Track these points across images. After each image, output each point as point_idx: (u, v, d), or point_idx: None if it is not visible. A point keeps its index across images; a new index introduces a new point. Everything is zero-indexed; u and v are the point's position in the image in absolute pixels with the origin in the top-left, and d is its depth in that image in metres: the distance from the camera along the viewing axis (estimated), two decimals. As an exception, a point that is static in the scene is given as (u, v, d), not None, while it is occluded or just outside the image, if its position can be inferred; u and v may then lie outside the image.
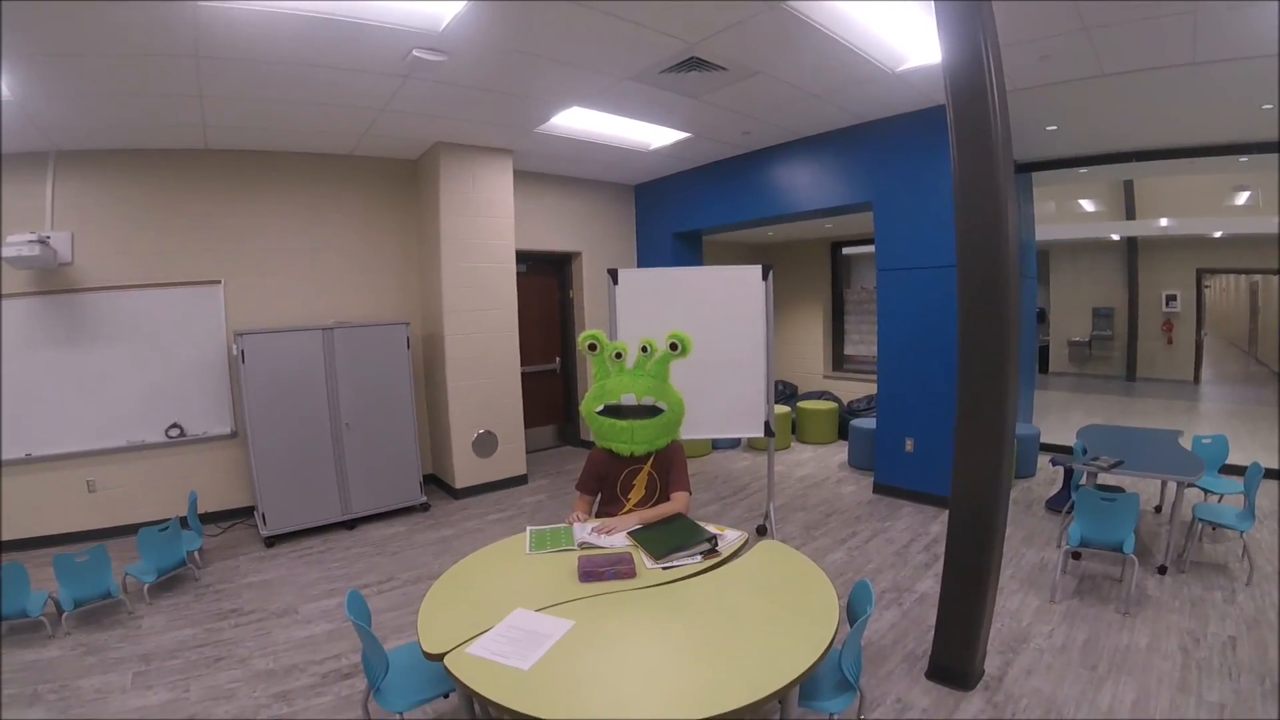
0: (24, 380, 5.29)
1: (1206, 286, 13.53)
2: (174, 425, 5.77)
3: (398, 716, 2.49)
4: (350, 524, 5.76)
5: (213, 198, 5.83)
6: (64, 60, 3.85)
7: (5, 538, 5.22)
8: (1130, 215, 12.49)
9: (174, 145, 5.60)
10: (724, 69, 4.55)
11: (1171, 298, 13.27)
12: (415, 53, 4.06)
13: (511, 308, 6.82)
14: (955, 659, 3.21)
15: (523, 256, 7.28)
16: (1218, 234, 11.94)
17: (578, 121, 5.78)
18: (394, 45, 3.98)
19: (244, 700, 3.24)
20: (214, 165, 5.81)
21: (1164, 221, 11.82)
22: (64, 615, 3.95)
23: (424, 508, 6.20)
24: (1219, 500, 4.93)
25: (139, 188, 5.59)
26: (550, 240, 7.88)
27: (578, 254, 8.26)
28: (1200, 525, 4.46)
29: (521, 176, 6.99)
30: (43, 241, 4.98)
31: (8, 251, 4.83)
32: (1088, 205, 12.84)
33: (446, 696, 2.68)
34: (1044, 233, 9.23)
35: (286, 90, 4.60)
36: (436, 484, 6.94)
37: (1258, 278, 15.02)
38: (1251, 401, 11.23)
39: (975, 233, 2.94)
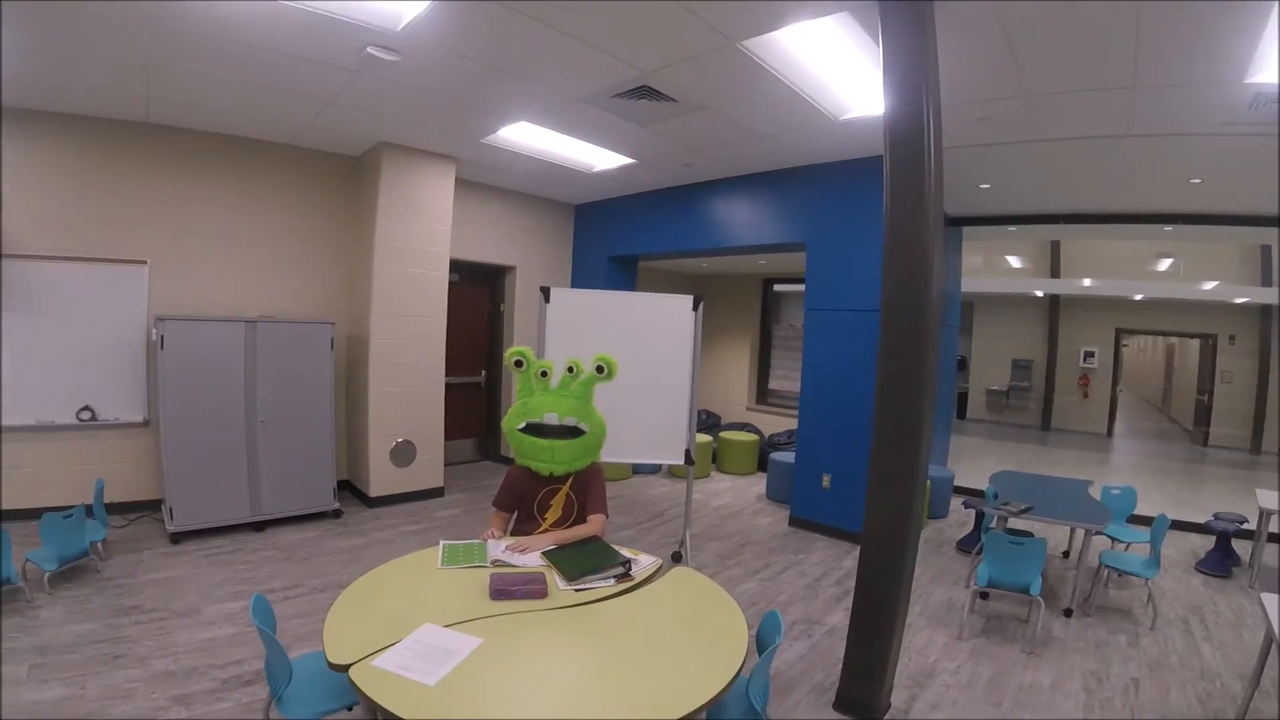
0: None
1: (1125, 345, 14.21)
2: (86, 408, 5.53)
3: (299, 727, 2.44)
4: (260, 525, 5.59)
5: (147, 174, 5.65)
6: (10, 13, 3.69)
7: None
8: (1055, 273, 13.06)
9: (114, 115, 5.41)
10: (674, 100, 4.64)
11: (1090, 354, 13.89)
12: (370, 49, 4.02)
13: (440, 316, 6.75)
14: (862, 691, 3.27)
15: (456, 265, 7.20)
16: (1138, 296, 12.54)
17: (524, 136, 5.79)
18: (350, 39, 3.94)
19: (142, 701, 3.13)
20: (152, 140, 5.64)
21: (1087, 281, 12.37)
22: (-42, 598, 3.76)
23: (336, 514, 6.05)
24: (1126, 549, 5.13)
25: (74, 155, 5.38)
26: (485, 251, 7.84)
27: (512, 268, 8.23)
28: (1107, 571, 4.65)
29: (462, 185, 6.95)
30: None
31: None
32: (1014, 261, 13.39)
33: (350, 709, 2.63)
34: (970, 284, 9.61)
35: (236, 71, 4.50)
36: (350, 491, 6.78)
37: (1175, 340, 15.84)
38: (1161, 456, 11.80)
39: (901, 281, 3.04)
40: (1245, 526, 5.50)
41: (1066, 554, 5.64)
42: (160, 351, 5.04)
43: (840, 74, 4.22)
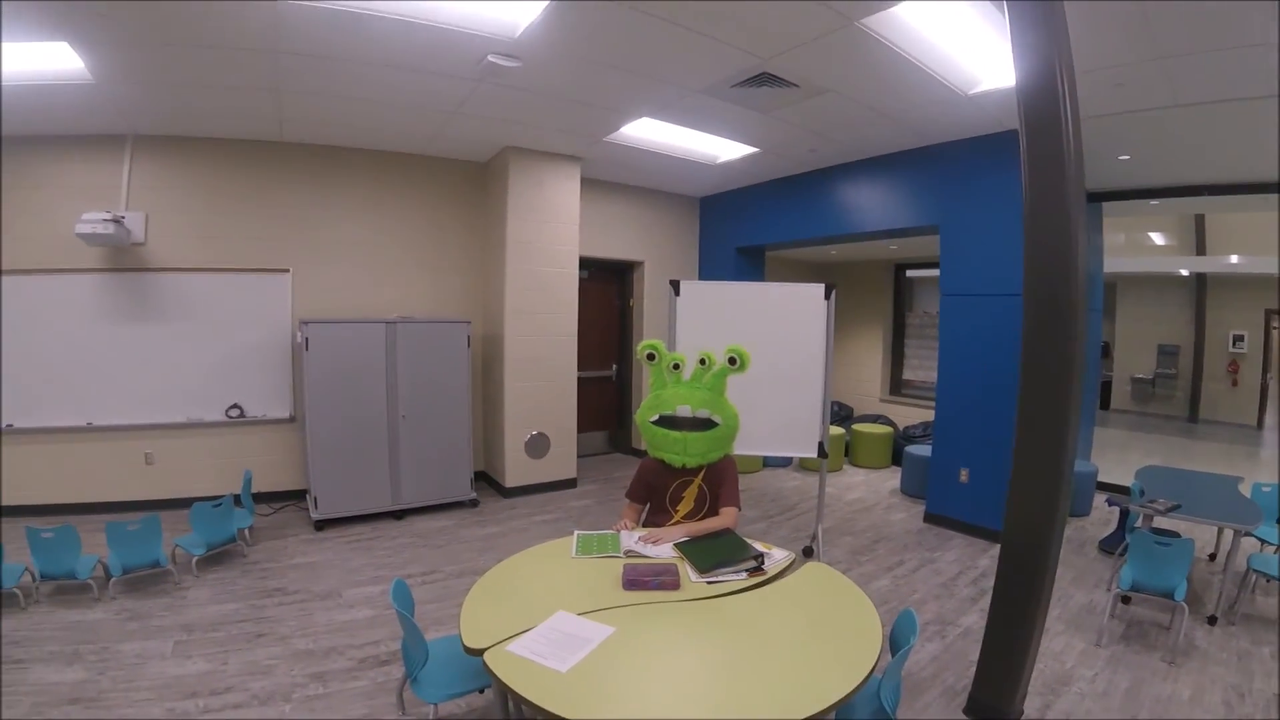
0: (90, 353, 5.51)
1: (1275, 328, 13.04)
2: (234, 406, 5.94)
3: (432, 707, 2.53)
4: (399, 514, 5.86)
5: (285, 188, 6.00)
6: (146, 48, 4.00)
7: (62, 501, 5.47)
8: (1200, 250, 12.15)
9: (250, 136, 5.77)
10: (795, 85, 4.55)
11: (1239, 338, 12.84)
12: (490, 58, 4.13)
13: (572, 313, 6.88)
14: (995, 696, 3.14)
15: (585, 263, 7.34)
16: (1289, 275, 11.51)
17: (647, 132, 5.83)
18: (470, 50, 4.06)
19: (281, 678, 3.31)
20: (288, 157, 5.99)
21: (1234, 258, 11.51)
22: (111, 580, 4.10)
23: (473, 504, 6.27)
24: (1275, 551, 4.75)
25: (214, 175, 5.77)
26: (613, 248, 7.94)
27: (640, 263, 8.31)
28: (1254, 576, 4.32)
29: (588, 183, 7.05)
30: (117, 221, 5.18)
31: (82, 228, 5.04)
32: (1157, 238, 12.54)
33: (482, 692, 2.72)
34: (1112, 265, 9.00)
35: (363, 89, 4.72)
36: (487, 481, 7.03)
37: (1328, 321, 14.42)
38: (1314, 450, 10.78)
39: (1043, 261, 2.88)
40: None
41: (1213, 556, 5.26)
42: (305, 352, 5.35)
43: (966, 46, 4.06)
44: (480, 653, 2.16)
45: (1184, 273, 12.83)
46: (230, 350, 5.92)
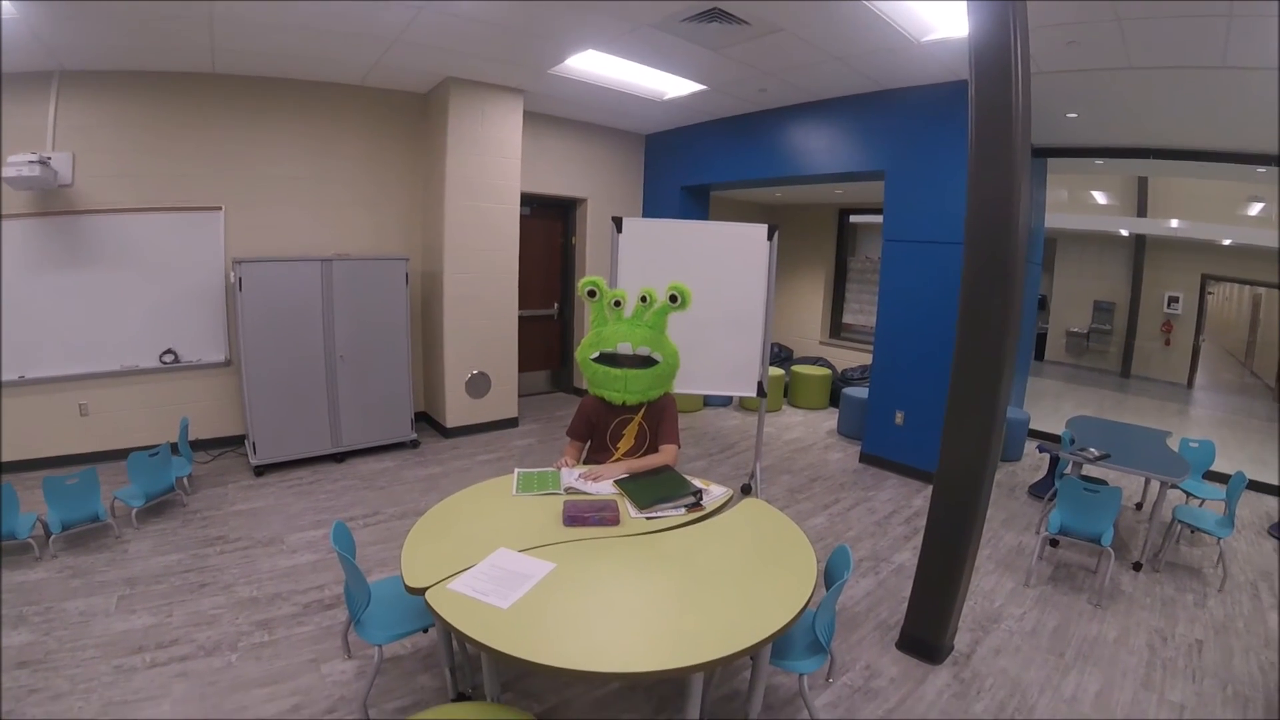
0: (19, 302, 5.22)
1: (1210, 293, 13.48)
2: (168, 351, 5.73)
3: (377, 648, 2.53)
4: (340, 457, 5.78)
5: (217, 123, 5.72)
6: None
7: (-4, 460, 5.25)
8: (1141, 212, 12.39)
9: (180, 68, 5.48)
10: (746, 23, 4.47)
11: (1174, 299, 13.24)
12: (434, -18, 3.98)
13: (513, 250, 6.77)
14: (927, 632, 3.25)
15: (527, 199, 7.21)
16: (1227, 241, 11.86)
17: (593, 65, 5.66)
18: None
19: (226, 627, 3.28)
20: (220, 90, 5.69)
21: (1174, 222, 11.73)
22: (51, 538, 3.97)
23: (414, 445, 6.22)
24: (1200, 504, 4.95)
25: (143, 110, 5.47)
26: (556, 184, 7.79)
27: (583, 200, 8.18)
28: (1179, 527, 4.48)
29: (531, 117, 6.88)
30: (43, 162, 4.89)
31: (8, 172, 4.76)
32: (1100, 197, 12.73)
33: (425, 631, 2.73)
34: (1053, 220, 9.17)
35: (299, 15, 4.49)
36: (427, 422, 6.97)
37: (1261, 290, 14.98)
38: (1242, 412, 11.24)
39: (986, 212, 2.92)
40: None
41: (1139, 505, 5.48)
42: (239, 293, 5.17)
43: (922, -7, 4.02)
44: (421, 592, 2.15)
45: (1124, 233, 13.09)
46: (163, 293, 5.68)
